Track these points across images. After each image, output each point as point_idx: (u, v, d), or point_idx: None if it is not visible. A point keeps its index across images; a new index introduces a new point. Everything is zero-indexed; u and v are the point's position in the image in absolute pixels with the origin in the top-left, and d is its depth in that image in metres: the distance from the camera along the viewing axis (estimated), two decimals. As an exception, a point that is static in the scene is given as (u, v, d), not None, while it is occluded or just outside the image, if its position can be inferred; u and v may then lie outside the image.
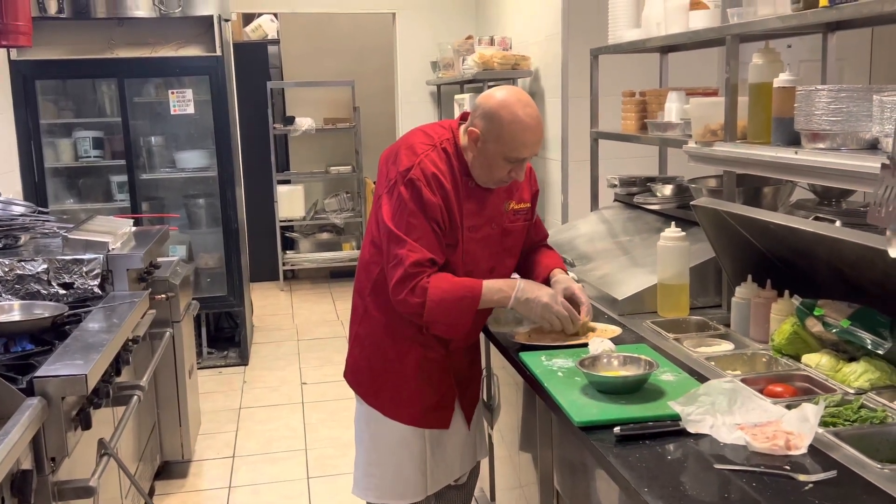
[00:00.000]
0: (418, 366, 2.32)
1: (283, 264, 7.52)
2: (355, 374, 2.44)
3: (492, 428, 2.83)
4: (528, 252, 2.52)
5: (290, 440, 4.26)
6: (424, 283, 2.14)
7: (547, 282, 2.38)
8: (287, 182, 7.60)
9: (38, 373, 2.13)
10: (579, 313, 2.28)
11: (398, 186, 2.19)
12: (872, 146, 1.84)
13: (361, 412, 2.44)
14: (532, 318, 2.27)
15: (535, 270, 2.47)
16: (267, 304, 6.97)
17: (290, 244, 7.79)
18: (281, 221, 7.40)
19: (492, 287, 2.21)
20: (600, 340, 2.19)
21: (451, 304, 2.16)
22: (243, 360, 5.50)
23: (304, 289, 7.57)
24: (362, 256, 2.41)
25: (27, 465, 1.97)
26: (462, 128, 2.27)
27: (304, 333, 6.14)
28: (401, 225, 2.17)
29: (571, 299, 2.30)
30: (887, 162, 1.59)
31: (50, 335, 2.50)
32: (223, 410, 4.69)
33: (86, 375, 2.13)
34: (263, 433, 4.37)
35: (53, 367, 2.17)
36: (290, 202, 7.47)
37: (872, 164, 1.67)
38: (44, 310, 2.67)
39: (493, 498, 2.96)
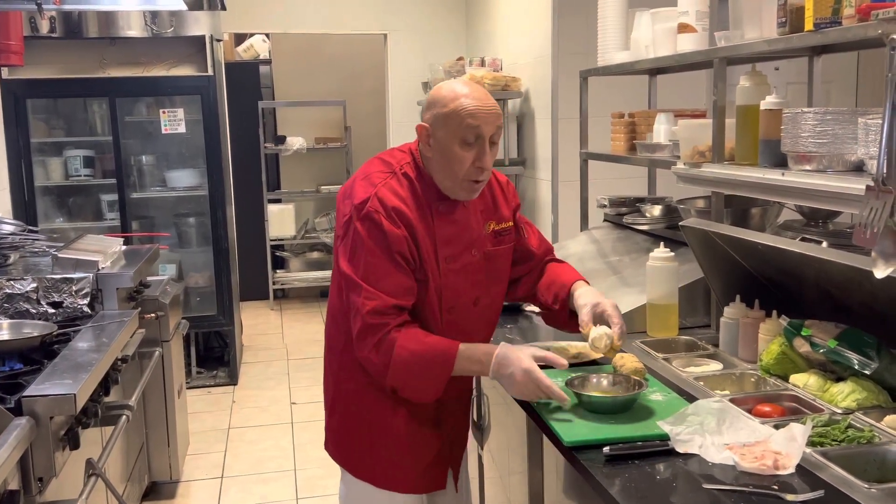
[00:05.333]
0: (408, 423, 2.03)
1: (274, 283, 7.50)
2: (340, 446, 2.13)
3: (482, 448, 2.83)
4: (541, 271, 2.24)
5: (280, 460, 4.24)
6: (391, 340, 1.87)
7: (569, 298, 2.12)
8: (278, 201, 7.60)
9: (27, 392, 2.12)
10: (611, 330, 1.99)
11: (353, 223, 1.92)
12: (858, 168, 1.87)
13: (350, 489, 2.13)
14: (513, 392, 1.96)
15: (552, 290, 2.16)
16: (257, 324, 6.95)
17: (280, 263, 7.78)
18: (271, 240, 7.40)
19: (468, 356, 1.93)
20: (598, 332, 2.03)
21: (418, 369, 1.90)
22: (233, 380, 5.48)
23: (295, 308, 7.55)
24: (330, 304, 2.09)
25: (14, 485, 1.95)
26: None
27: (293, 353, 6.12)
28: (357, 267, 1.91)
29: (602, 317, 2.03)
30: (872, 184, 1.61)
31: (39, 354, 2.49)
32: (212, 430, 4.67)
33: (74, 395, 2.13)
34: (252, 453, 4.35)
35: (42, 387, 2.16)
36: (281, 221, 7.47)
37: (858, 185, 1.69)
38: (33, 329, 2.66)
39: (483, 518, 2.95)
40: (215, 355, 5.90)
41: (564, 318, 2.15)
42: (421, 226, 1.95)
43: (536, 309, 2.35)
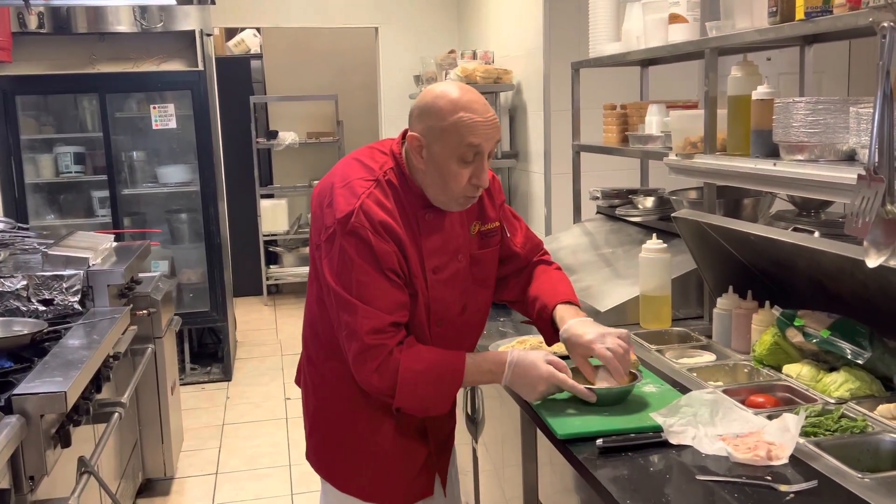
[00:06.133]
0: (394, 436, 1.95)
1: (267, 279, 7.49)
2: (323, 459, 2.05)
3: (476, 441, 2.82)
4: (529, 276, 2.12)
5: (274, 456, 4.24)
6: (394, 362, 1.78)
7: (552, 323, 2.00)
8: (270, 196, 7.59)
9: (17, 390, 2.11)
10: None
11: (338, 239, 1.79)
12: (850, 157, 1.86)
13: (333, 502, 2.05)
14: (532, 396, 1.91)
15: (536, 306, 2.05)
16: (250, 319, 6.93)
17: (273, 258, 7.76)
18: (264, 236, 7.38)
19: (477, 368, 1.87)
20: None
21: (427, 389, 1.82)
22: (226, 376, 5.47)
23: (288, 303, 7.53)
24: (309, 314, 2.00)
25: (5, 484, 1.95)
26: (405, 146, 1.89)
27: (287, 348, 6.11)
28: (349, 286, 1.79)
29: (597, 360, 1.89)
30: (863, 173, 1.61)
31: (29, 352, 2.47)
32: (206, 427, 4.66)
33: (65, 393, 2.11)
34: (247, 449, 4.34)
35: (32, 385, 2.15)
36: (274, 216, 7.45)
37: (849, 174, 1.69)
38: (23, 326, 2.64)
39: (477, 512, 2.95)
40: (209, 351, 5.89)
41: (549, 334, 2.05)
42: (408, 238, 1.84)
43: None
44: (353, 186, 1.83)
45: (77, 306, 2.95)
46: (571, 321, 1.93)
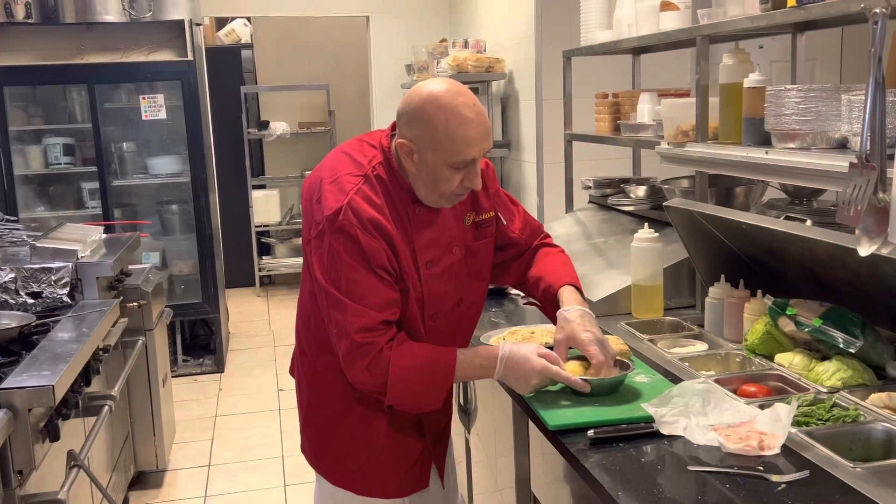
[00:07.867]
0: (389, 429, 1.93)
1: (260, 270, 7.47)
2: (317, 453, 2.04)
3: (469, 432, 2.82)
4: (531, 258, 2.11)
5: (267, 448, 4.23)
6: (384, 360, 1.76)
7: (557, 304, 1.97)
8: (262, 187, 7.55)
9: (4, 384, 2.10)
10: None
11: (327, 236, 1.77)
12: (842, 145, 1.85)
13: (327, 496, 2.05)
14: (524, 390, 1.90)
15: (540, 286, 2.03)
16: (243, 311, 6.91)
17: (266, 249, 7.74)
18: (256, 227, 7.35)
19: (469, 362, 1.85)
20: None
21: (418, 386, 1.81)
22: (219, 368, 5.45)
23: (281, 294, 7.52)
24: (302, 308, 1.98)
25: (-7, 478, 1.93)
26: (394, 141, 1.84)
27: (280, 340, 6.09)
28: (338, 284, 1.77)
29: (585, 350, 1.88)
30: (855, 161, 1.60)
31: (17, 345, 2.46)
32: (198, 419, 4.64)
33: (53, 386, 2.10)
34: (239, 441, 4.33)
35: (20, 379, 2.14)
36: (266, 207, 7.42)
37: (841, 162, 1.68)
38: (10, 320, 2.63)
39: (470, 502, 2.95)
40: (201, 343, 5.87)
41: (552, 313, 2.00)
42: (399, 234, 1.81)
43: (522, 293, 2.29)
44: (341, 182, 1.80)
45: (66, 299, 2.93)
46: (575, 306, 1.92)
